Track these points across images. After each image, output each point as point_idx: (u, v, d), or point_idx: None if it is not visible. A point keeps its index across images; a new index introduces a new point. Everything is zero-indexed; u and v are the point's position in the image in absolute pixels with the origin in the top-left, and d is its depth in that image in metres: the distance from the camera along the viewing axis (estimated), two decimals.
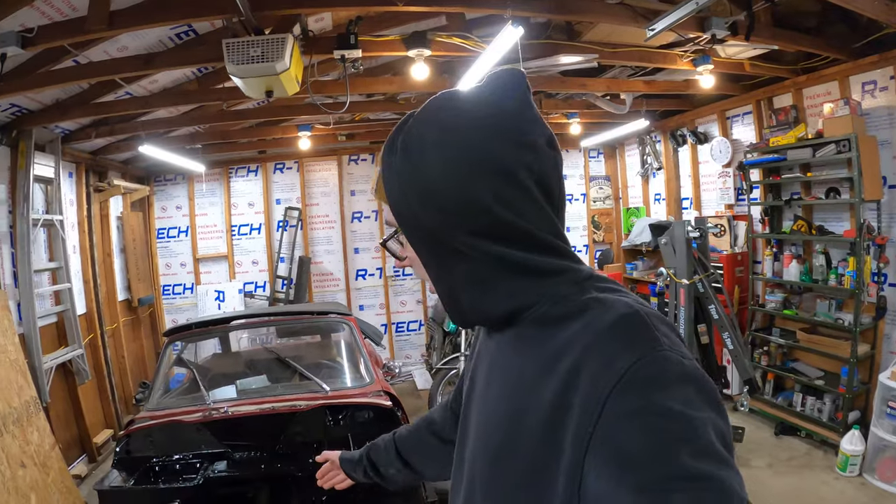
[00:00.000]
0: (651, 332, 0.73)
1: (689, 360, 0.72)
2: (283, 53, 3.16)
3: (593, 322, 0.77)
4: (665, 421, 0.65)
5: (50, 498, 4.16)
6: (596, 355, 0.73)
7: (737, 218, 6.08)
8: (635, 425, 0.66)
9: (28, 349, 4.81)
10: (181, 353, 4.15)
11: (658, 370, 0.69)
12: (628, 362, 0.69)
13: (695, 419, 0.66)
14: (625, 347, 0.71)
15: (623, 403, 0.67)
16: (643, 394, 0.67)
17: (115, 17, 3.23)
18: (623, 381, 0.68)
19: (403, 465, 1.44)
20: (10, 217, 5.03)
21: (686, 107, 6.60)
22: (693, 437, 0.65)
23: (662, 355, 0.70)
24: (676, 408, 0.66)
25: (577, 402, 0.71)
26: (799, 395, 5.04)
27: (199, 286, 7.97)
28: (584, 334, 0.76)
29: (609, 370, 0.70)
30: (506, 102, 0.84)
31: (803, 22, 4.52)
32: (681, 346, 0.74)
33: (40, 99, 4.68)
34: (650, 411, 0.66)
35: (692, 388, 0.69)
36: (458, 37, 3.98)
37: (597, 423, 0.68)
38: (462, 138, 0.81)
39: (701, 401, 0.68)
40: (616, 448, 0.66)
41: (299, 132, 6.57)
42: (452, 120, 0.83)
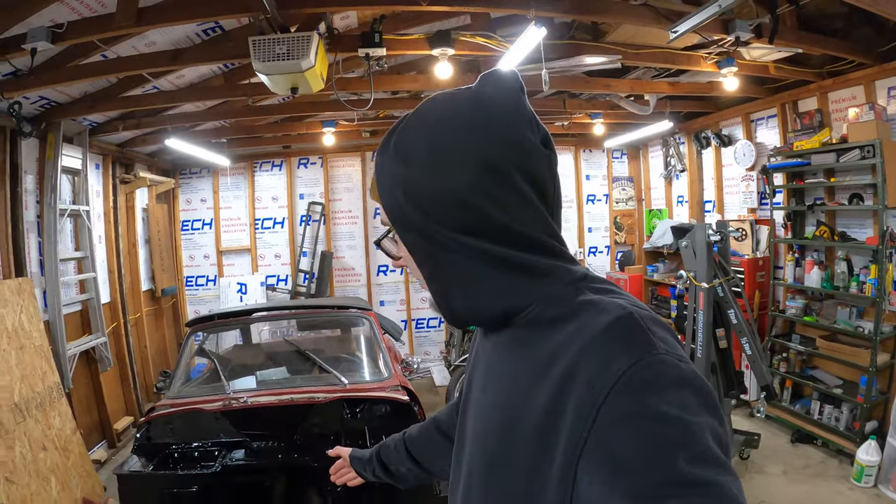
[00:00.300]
0: (646, 335, 0.72)
1: (686, 364, 0.71)
2: (309, 51, 3.20)
3: (588, 324, 0.76)
4: (661, 426, 0.64)
5: (69, 481, 4.26)
6: (591, 359, 0.72)
7: (759, 222, 6.03)
8: (630, 430, 0.65)
9: (53, 336, 4.93)
10: (203, 344, 4.21)
11: (654, 374, 0.68)
12: (624, 366, 0.68)
13: (692, 424, 0.65)
14: (620, 351, 0.70)
15: (618, 408, 0.67)
16: (639, 398, 0.66)
17: (143, 14, 3.30)
18: (618, 385, 0.67)
19: (413, 463, 1.45)
20: (37, 207, 5.15)
21: (710, 109, 6.56)
22: (690, 442, 0.64)
23: (658, 358, 0.69)
24: (673, 412, 0.65)
25: (571, 406, 0.71)
26: (816, 403, 4.99)
27: (221, 278, 8.08)
28: (578, 337, 0.75)
29: (604, 374, 0.69)
30: (498, 102, 0.83)
31: (829, 24, 4.47)
32: (677, 349, 0.74)
33: (69, 92, 4.78)
34: (646, 416, 0.65)
35: (689, 391, 0.68)
36: (482, 36, 3.99)
37: (591, 428, 0.67)
38: (452, 138, 0.81)
39: (698, 405, 0.67)
40: (610, 453, 0.66)
41: (323, 128, 6.63)
42: (443, 120, 0.83)
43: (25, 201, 4.89)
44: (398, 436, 1.51)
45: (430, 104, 0.87)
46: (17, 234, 4.74)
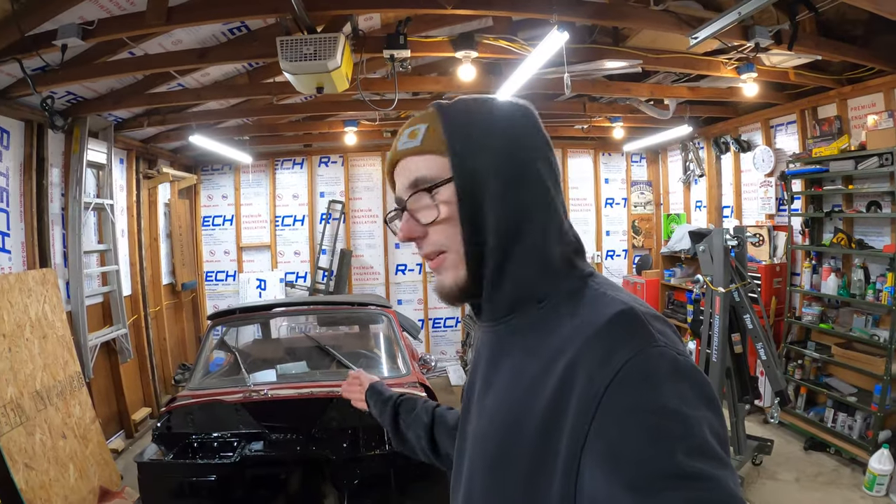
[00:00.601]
0: (647, 329, 0.74)
1: (685, 357, 0.72)
2: (335, 52, 3.26)
3: (590, 319, 0.78)
4: (659, 418, 0.65)
5: (87, 469, 4.35)
6: (592, 352, 0.74)
7: (777, 228, 6.02)
8: (629, 422, 0.66)
9: (74, 326, 5.03)
10: (223, 337, 4.28)
11: (654, 366, 0.70)
12: (624, 358, 0.70)
13: (690, 417, 0.66)
14: (620, 343, 0.72)
15: (618, 400, 0.68)
16: (638, 390, 0.68)
17: (172, 13, 3.37)
18: (618, 377, 0.69)
19: (429, 441, 1.38)
20: (62, 200, 5.26)
21: (730, 114, 6.55)
22: (688, 435, 0.65)
23: (658, 351, 0.71)
24: (672, 405, 0.66)
25: (573, 400, 0.72)
26: (830, 411, 4.98)
27: (241, 274, 8.18)
28: (580, 332, 0.77)
29: (605, 367, 0.71)
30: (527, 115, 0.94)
31: (850, 31, 4.46)
32: (677, 343, 0.75)
33: (95, 88, 4.87)
34: (645, 408, 0.66)
35: (688, 384, 0.69)
36: (505, 39, 4.04)
37: (592, 420, 0.69)
38: (510, 121, 0.91)
39: (697, 398, 0.68)
40: (610, 445, 0.67)
41: (345, 127, 6.69)
42: (498, 109, 0.93)
43: (51, 194, 4.99)
44: (429, 405, 1.44)
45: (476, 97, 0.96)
46: (42, 226, 4.83)
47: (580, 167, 8.53)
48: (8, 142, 4.54)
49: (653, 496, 0.62)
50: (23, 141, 4.71)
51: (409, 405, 1.47)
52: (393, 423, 1.47)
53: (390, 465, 3.13)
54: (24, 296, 4.24)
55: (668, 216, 8.28)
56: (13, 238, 4.57)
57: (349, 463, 3.13)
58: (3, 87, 4.23)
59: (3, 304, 3.99)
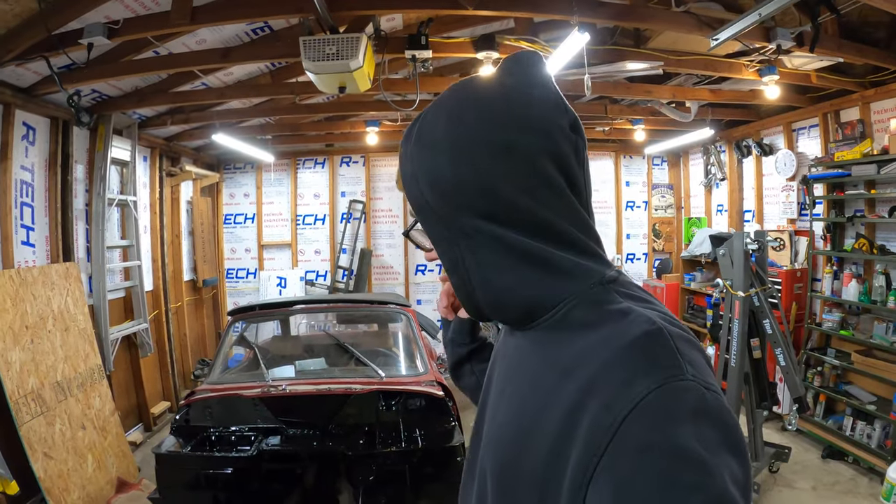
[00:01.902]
0: (674, 356, 0.67)
1: (713, 393, 0.65)
2: (358, 52, 3.30)
3: (612, 336, 0.71)
4: (677, 462, 0.59)
5: (106, 460, 4.42)
6: (611, 375, 0.67)
7: (798, 233, 5.96)
8: (643, 464, 0.60)
9: (96, 320, 5.12)
10: (243, 333, 4.33)
11: (677, 402, 0.63)
12: (645, 390, 0.63)
13: (710, 464, 0.59)
14: (643, 371, 0.65)
15: (633, 436, 0.62)
16: (656, 428, 0.61)
17: (197, 13, 3.42)
18: (637, 410, 0.62)
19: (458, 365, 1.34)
20: (86, 196, 5.37)
21: (752, 117, 6.50)
22: (706, 485, 0.58)
23: (683, 385, 0.64)
24: (691, 449, 0.59)
25: (585, 424, 0.66)
26: (849, 419, 4.91)
27: (261, 272, 8.27)
28: (601, 349, 0.70)
29: (623, 396, 0.64)
30: (520, 84, 0.80)
31: (872, 34, 4.43)
32: (706, 374, 0.67)
33: (120, 86, 4.96)
34: (661, 449, 0.60)
35: (712, 426, 0.62)
36: (526, 40, 4.06)
37: (605, 453, 0.62)
38: (473, 123, 0.77)
39: (720, 442, 0.62)
40: (619, 485, 0.61)
41: (367, 127, 6.73)
42: (464, 104, 0.80)
43: (75, 189, 5.09)
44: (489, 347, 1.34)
45: (450, 91, 0.85)
46: (66, 221, 4.93)
47: (601, 170, 8.49)
48: (34, 138, 4.64)
49: None
50: (48, 137, 4.81)
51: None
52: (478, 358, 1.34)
53: (406, 461, 3.16)
54: (48, 289, 4.33)
55: (688, 220, 8.22)
56: (38, 232, 4.66)
57: (365, 459, 3.16)
58: (30, 85, 4.33)
59: (26, 297, 4.08)
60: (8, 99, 4.20)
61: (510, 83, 0.80)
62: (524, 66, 0.82)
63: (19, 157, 4.43)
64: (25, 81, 4.27)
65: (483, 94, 0.81)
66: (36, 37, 3.47)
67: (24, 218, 4.49)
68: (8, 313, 3.87)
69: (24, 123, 4.50)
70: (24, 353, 3.91)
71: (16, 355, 3.83)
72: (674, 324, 0.73)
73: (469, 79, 0.86)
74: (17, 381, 3.79)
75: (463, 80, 0.86)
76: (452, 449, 3.15)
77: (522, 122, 0.77)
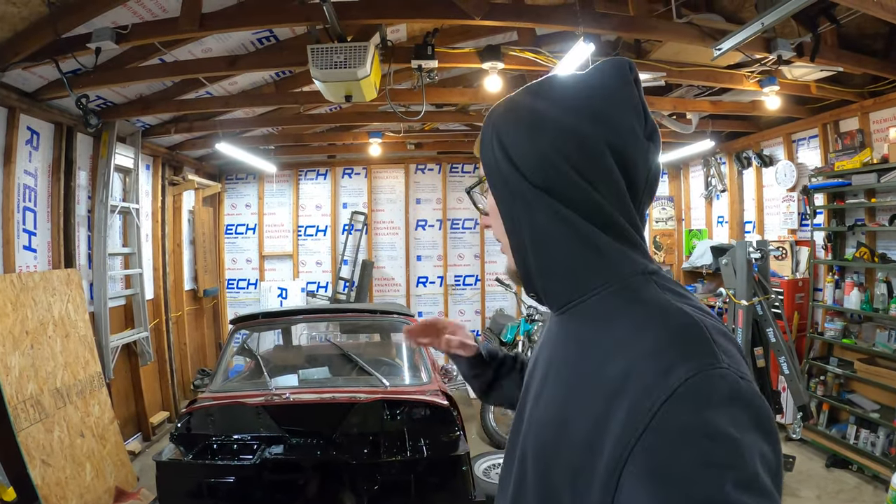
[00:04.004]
0: (710, 346, 0.71)
1: (747, 381, 0.69)
2: (365, 60, 3.32)
3: (651, 327, 0.76)
4: (712, 443, 0.63)
5: (104, 469, 4.38)
6: (650, 365, 0.71)
7: (799, 243, 5.98)
8: (680, 443, 0.64)
9: (97, 327, 5.10)
10: (246, 342, 4.30)
11: (712, 388, 0.67)
12: (682, 377, 0.67)
13: (743, 446, 0.63)
14: (681, 360, 0.69)
15: (671, 419, 0.66)
16: (694, 411, 0.65)
17: (205, 19, 3.44)
18: (675, 395, 0.66)
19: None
20: (89, 202, 5.36)
21: (752, 129, 6.54)
22: (739, 465, 0.62)
23: (719, 373, 0.68)
24: (726, 431, 0.64)
25: (624, 408, 0.70)
26: (852, 428, 4.91)
27: (262, 282, 8.27)
28: (640, 338, 0.75)
29: (661, 383, 0.68)
30: (602, 85, 0.86)
31: (870, 45, 4.49)
32: (739, 364, 0.72)
33: (125, 93, 4.98)
34: (698, 431, 0.64)
35: (746, 411, 0.67)
36: (531, 51, 4.09)
37: (641, 435, 0.66)
38: (553, 108, 0.86)
39: (753, 426, 0.66)
40: (656, 463, 0.65)
41: (370, 139, 6.75)
42: (549, 93, 0.89)
43: (78, 196, 5.09)
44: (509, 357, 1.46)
45: (542, 81, 0.93)
46: (68, 227, 4.93)
47: None
48: (38, 143, 4.64)
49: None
50: (52, 143, 4.81)
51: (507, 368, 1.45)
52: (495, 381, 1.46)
53: (410, 471, 3.13)
54: (49, 294, 4.31)
55: (689, 232, 8.24)
56: (39, 238, 4.65)
57: (369, 468, 3.14)
58: (35, 89, 4.34)
59: (27, 302, 4.06)
60: (13, 103, 4.21)
61: (598, 81, 0.88)
62: (618, 68, 0.88)
63: (23, 162, 4.43)
64: (31, 86, 4.28)
65: (570, 82, 0.90)
66: (43, 40, 3.49)
67: (26, 223, 4.48)
68: (8, 318, 3.85)
69: (29, 128, 4.51)
70: (23, 359, 3.88)
71: (15, 360, 3.80)
72: (710, 317, 0.78)
73: (559, 75, 0.94)
74: (17, 386, 3.75)
75: (553, 75, 0.95)
76: (457, 458, 3.13)
77: (598, 115, 0.84)
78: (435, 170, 8.53)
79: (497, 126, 0.91)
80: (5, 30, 3.50)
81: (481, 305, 8.49)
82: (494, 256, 8.52)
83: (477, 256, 8.54)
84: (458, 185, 8.54)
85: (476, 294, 8.51)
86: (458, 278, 8.52)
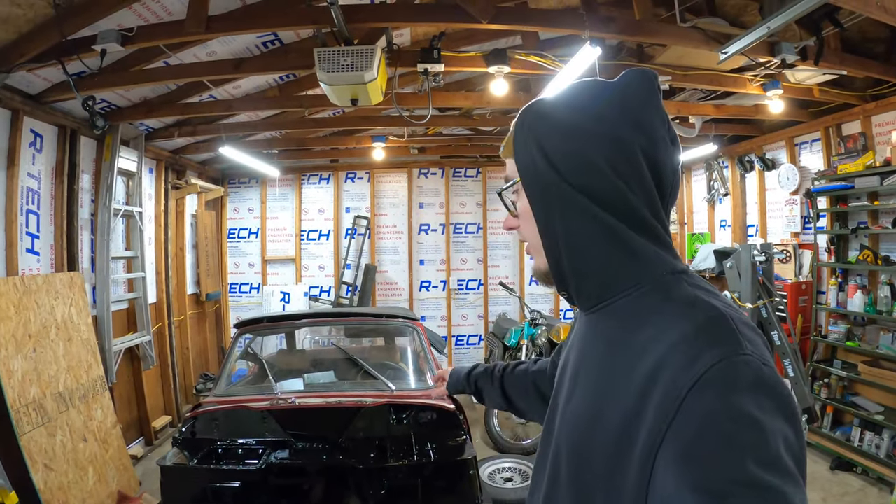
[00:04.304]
0: (735, 336, 0.74)
1: (770, 368, 0.73)
2: (372, 63, 3.32)
3: (680, 321, 0.79)
4: (737, 425, 0.66)
5: (106, 473, 4.35)
6: (678, 355, 0.74)
7: (802, 246, 5.99)
8: (706, 426, 0.67)
9: (99, 331, 5.09)
10: (250, 346, 4.29)
11: (737, 374, 0.70)
12: (709, 363, 0.71)
13: (767, 429, 0.66)
14: (707, 349, 0.73)
15: (698, 403, 0.69)
16: (719, 396, 0.68)
17: (211, 22, 3.43)
18: (701, 381, 0.70)
19: (502, 395, 1.62)
20: (92, 205, 5.36)
21: (755, 132, 6.56)
22: (763, 445, 0.65)
23: (743, 359, 0.71)
24: (751, 414, 0.67)
25: (655, 399, 0.73)
26: (857, 430, 4.91)
27: (265, 286, 8.28)
28: (669, 333, 0.78)
29: (689, 370, 0.71)
30: (635, 94, 0.91)
31: (872, 49, 4.53)
32: (763, 352, 0.75)
33: (129, 96, 4.98)
34: (723, 414, 0.67)
35: (769, 395, 0.70)
36: (537, 55, 4.09)
37: (672, 421, 0.70)
38: (591, 111, 0.90)
39: (775, 409, 0.69)
40: (685, 446, 0.68)
41: (374, 143, 6.76)
42: (586, 97, 0.93)
43: (81, 199, 5.09)
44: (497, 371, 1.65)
45: (576, 84, 0.97)
46: (71, 231, 4.93)
47: None
48: (42, 146, 4.63)
49: (717, 500, 0.63)
50: (56, 146, 4.81)
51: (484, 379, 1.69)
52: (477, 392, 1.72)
53: (417, 475, 3.12)
54: (51, 298, 4.29)
55: (692, 236, 8.24)
56: (42, 240, 4.64)
57: (375, 473, 3.12)
58: (39, 92, 4.34)
59: (30, 305, 4.04)
60: (17, 105, 4.20)
61: (631, 89, 0.92)
62: (645, 78, 0.93)
63: (26, 164, 4.42)
64: (35, 88, 4.28)
65: (603, 92, 0.93)
66: (48, 42, 3.49)
67: (29, 225, 4.47)
68: (11, 321, 3.83)
69: (32, 130, 4.50)
70: (26, 362, 3.86)
71: (18, 364, 3.78)
72: (736, 312, 0.82)
73: (592, 79, 0.98)
74: (19, 389, 3.73)
75: (587, 79, 0.99)
76: (464, 462, 3.11)
77: (636, 121, 0.89)
78: (438, 174, 8.54)
79: (535, 129, 0.93)
80: (10, 31, 3.50)
81: (484, 310, 8.49)
82: (497, 261, 8.54)
83: (480, 261, 8.53)
84: (460, 190, 8.56)
85: (479, 298, 8.51)
86: (461, 282, 8.52)
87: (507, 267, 8.54)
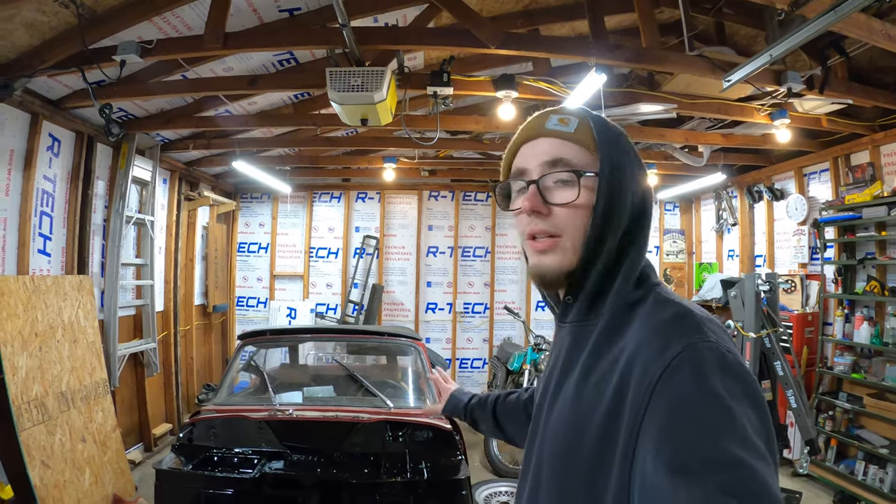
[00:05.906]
0: (700, 327, 0.80)
1: (733, 355, 0.78)
2: (382, 85, 3.38)
3: (651, 320, 0.85)
4: (705, 407, 0.71)
5: (103, 475, 4.37)
6: (649, 347, 0.80)
7: (810, 277, 5.96)
8: (676, 409, 0.72)
9: (105, 335, 5.15)
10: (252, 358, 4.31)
11: (703, 359, 0.75)
12: (676, 351, 0.76)
13: (733, 409, 0.71)
14: (674, 338, 0.78)
15: (668, 388, 0.74)
16: (687, 380, 0.73)
17: (229, 38, 3.52)
18: (670, 367, 0.75)
19: (494, 423, 1.64)
20: (105, 211, 5.46)
21: (763, 162, 6.56)
22: (731, 425, 0.69)
23: (707, 346, 0.77)
24: (717, 395, 0.71)
25: (631, 390, 0.78)
26: (861, 464, 4.83)
27: (272, 301, 8.33)
28: (642, 331, 0.84)
29: (658, 358, 0.77)
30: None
31: (881, 78, 4.53)
32: (727, 342, 0.81)
33: (146, 107, 5.09)
34: (692, 397, 0.72)
35: (735, 379, 0.74)
36: (544, 81, 4.14)
37: (647, 408, 0.75)
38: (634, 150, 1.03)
39: (741, 393, 0.73)
40: (658, 429, 0.72)
41: (385, 164, 6.82)
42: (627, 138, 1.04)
43: (94, 204, 5.19)
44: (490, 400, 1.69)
45: None
46: (83, 234, 5.02)
47: None
48: (59, 150, 4.74)
49: (688, 477, 0.67)
50: (73, 151, 4.92)
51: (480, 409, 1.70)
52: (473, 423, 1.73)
53: (410, 493, 3.11)
54: (60, 299, 4.35)
55: (700, 265, 8.24)
56: (54, 243, 4.73)
57: (369, 488, 3.12)
58: (59, 98, 4.46)
59: (38, 304, 4.10)
60: (37, 109, 4.32)
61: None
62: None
63: (43, 167, 4.53)
64: (55, 94, 4.40)
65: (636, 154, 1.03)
66: (70, 49, 3.59)
67: (42, 227, 4.57)
68: (19, 318, 3.89)
69: (50, 135, 4.61)
70: (31, 360, 3.91)
71: (23, 361, 3.83)
72: (702, 311, 0.88)
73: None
74: (22, 386, 3.77)
75: None
76: (458, 482, 3.10)
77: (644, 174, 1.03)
78: (448, 197, 8.60)
79: (625, 135, 1.02)
80: (34, 37, 3.62)
81: (489, 334, 8.48)
82: (505, 285, 8.54)
83: (487, 285, 8.54)
84: (470, 213, 8.60)
85: (484, 322, 8.51)
86: (468, 306, 8.53)
87: (513, 292, 8.54)
